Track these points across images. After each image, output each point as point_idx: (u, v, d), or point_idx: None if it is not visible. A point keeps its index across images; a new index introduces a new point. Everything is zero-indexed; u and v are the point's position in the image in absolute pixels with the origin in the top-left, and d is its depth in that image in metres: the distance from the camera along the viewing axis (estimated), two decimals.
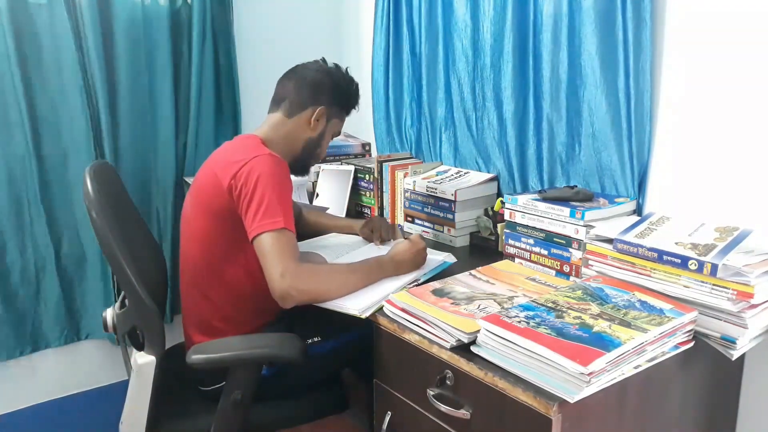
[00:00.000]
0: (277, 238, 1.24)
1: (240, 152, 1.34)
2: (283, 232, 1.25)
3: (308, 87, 1.49)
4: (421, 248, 1.40)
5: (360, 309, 1.21)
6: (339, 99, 1.52)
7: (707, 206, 1.34)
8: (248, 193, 1.27)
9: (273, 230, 1.24)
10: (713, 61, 1.30)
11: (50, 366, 2.04)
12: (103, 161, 1.54)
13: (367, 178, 2.10)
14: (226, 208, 1.31)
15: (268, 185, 1.27)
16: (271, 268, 1.22)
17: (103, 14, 1.90)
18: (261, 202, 1.25)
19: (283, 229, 1.25)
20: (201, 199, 1.38)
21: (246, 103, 2.22)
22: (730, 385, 1.31)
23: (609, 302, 1.08)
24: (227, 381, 1.27)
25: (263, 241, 1.24)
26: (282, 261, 1.22)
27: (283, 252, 1.23)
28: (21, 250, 1.89)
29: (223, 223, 1.33)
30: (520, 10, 1.65)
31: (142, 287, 1.24)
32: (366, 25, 2.31)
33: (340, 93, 1.52)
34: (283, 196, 1.29)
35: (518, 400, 0.94)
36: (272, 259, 1.22)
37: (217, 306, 1.39)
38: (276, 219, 1.25)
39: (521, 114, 1.72)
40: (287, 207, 1.29)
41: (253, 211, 1.26)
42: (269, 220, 1.24)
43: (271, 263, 1.22)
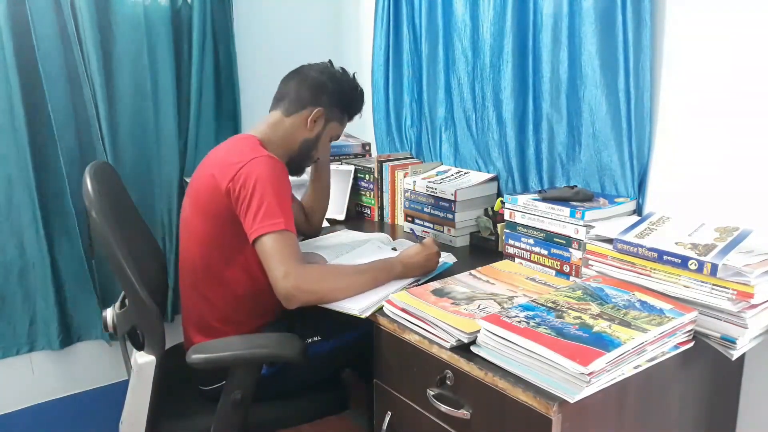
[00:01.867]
0: (279, 239, 1.23)
1: (237, 154, 1.34)
2: (284, 233, 1.24)
3: (309, 87, 1.48)
4: (433, 253, 1.38)
5: (360, 309, 1.21)
6: (339, 102, 1.51)
7: (707, 206, 1.34)
8: (247, 196, 1.26)
9: (274, 231, 1.24)
10: (713, 61, 1.30)
11: (48, 366, 2.04)
12: (103, 161, 1.54)
13: (367, 178, 2.10)
14: (225, 210, 1.31)
15: (267, 187, 1.26)
16: (275, 269, 1.22)
17: (104, 14, 1.90)
18: (260, 204, 1.25)
19: (284, 230, 1.24)
20: (199, 201, 1.38)
21: (246, 103, 2.22)
22: (730, 385, 1.31)
23: (609, 302, 1.08)
24: (227, 381, 1.27)
25: (265, 243, 1.24)
26: (285, 262, 1.21)
27: (286, 253, 1.23)
28: (20, 250, 1.89)
29: (222, 226, 1.33)
30: (520, 10, 1.65)
31: (142, 287, 1.24)
32: (366, 25, 2.31)
33: (342, 96, 1.52)
34: (282, 198, 1.28)
35: (518, 400, 0.94)
36: (275, 260, 1.22)
37: (216, 306, 1.39)
38: (276, 220, 1.24)
39: (521, 114, 1.72)
40: (287, 208, 1.28)
41: (252, 213, 1.26)
42: (269, 221, 1.24)
43: (275, 264, 1.22)
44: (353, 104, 1.55)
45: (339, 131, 1.58)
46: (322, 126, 1.50)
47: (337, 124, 1.55)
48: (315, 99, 1.48)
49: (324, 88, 1.48)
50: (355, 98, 1.55)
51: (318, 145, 1.53)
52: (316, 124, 1.48)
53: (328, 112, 1.49)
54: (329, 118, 1.51)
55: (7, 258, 1.88)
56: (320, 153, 1.56)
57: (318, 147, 1.53)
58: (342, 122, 1.57)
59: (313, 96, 1.48)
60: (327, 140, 1.55)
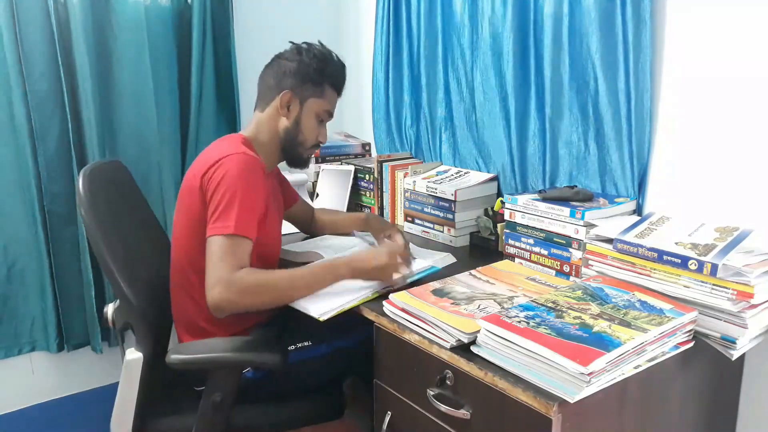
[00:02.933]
0: (223, 243, 1.20)
1: (217, 152, 1.32)
2: (231, 238, 1.21)
3: (273, 75, 1.43)
4: (380, 265, 1.27)
5: (319, 312, 1.19)
6: (307, 76, 1.41)
7: (707, 206, 1.34)
8: (211, 192, 1.25)
9: (221, 234, 1.21)
10: (713, 61, 1.30)
11: (48, 366, 2.05)
12: (113, 160, 1.54)
13: (367, 178, 2.10)
14: (201, 206, 1.28)
15: (231, 187, 1.23)
16: (208, 275, 1.19)
17: (105, 15, 1.90)
18: (219, 204, 1.23)
19: (232, 234, 1.21)
20: (183, 200, 1.37)
21: (246, 103, 2.22)
22: (730, 385, 1.31)
23: (609, 302, 1.08)
24: (207, 382, 1.26)
25: (211, 245, 1.21)
26: (218, 269, 1.18)
27: (224, 259, 1.19)
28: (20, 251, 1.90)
29: (201, 224, 1.28)
30: (520, 10, 1.65)
31: (129, 286, 1.25)
32: (366, 25, 2.31)
33: (306, 69, 1.41)
34: (245, 199, 1.24)
35: (518, 400, 0.93)
36: (211, 266, 1.19)
37: (202, 307, 1.37)
38: (227, 223, 1.21)
39: (521, 114, 1.72)
40: (245, 211, 1.23)
41: (211, 211, 1.24)
42: (221, 223, 1.22)
43: (209, 270, 1.19)
44: (324, 73, 1.43)
45: (325, 106, 1.46)
46: (298, 108, 1.43)
47: (316, 100, 1.44)
48: (279, 84, 1.42)
49: (285, 70, 1.41)
50: (323, 66, 1.43)
51: (301, 129, 1.44)
52: (290, 108, 1.42)
53: (298, 92, 1.41)
54: (303, 98, 1.42)
55: (7, 259, 1.88)
56: (308, 135, 1.45)
57: (302, 130, 1.44)
58: (322, 96, 1.44)
59: (277, 82, 1.42)
60: (312, 120, 1.44)
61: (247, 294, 1.20)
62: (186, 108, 2.10)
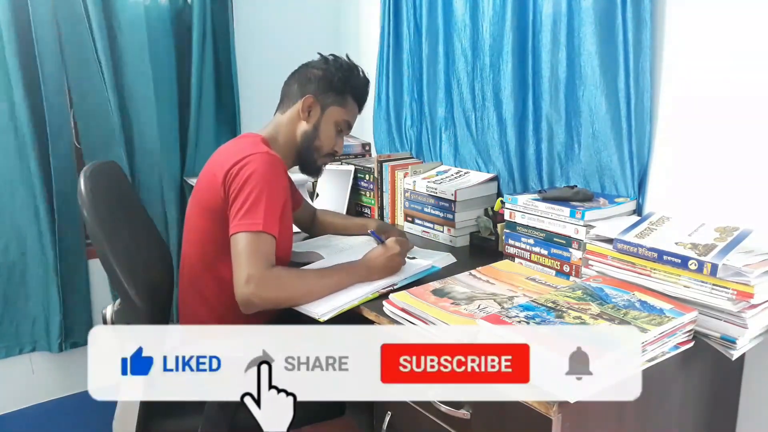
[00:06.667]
0: (252, 240, 1.21)
1: (239, 150, 1.33)
2: (259, 235, 1.22)
3: (298, 80, 1.47)
4: (394, 253, 1.34)
5: (320, 313, 1.20)
6: (330, 85, 1.45)
7: (707, 206, 1.34)
8: (236, 190, 1.25)
9: (249, 231, 1.22)
10: (713, 61, 1.30)
11: (48, 366, 2.05)
12: (110, 161, 1.54)
13: (367, 178, 2.10)
14: (221, 202, 1.29)
15: (257, 184, 1.25)
16: (239, 271, 1.20)
17: (106, 15, 1.90)
18: (245, 201, 1.24)
19: (260, 231, 1.22)
20: (200, 197, 1.37)
21: (246, 103, 2.22)
22: (730, 385, 1.31)
23: (609, 302, 1.08)
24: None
25: (238, 241, 1.22)
26: (250, 265, 1.19)
27: (254, 256, 1.20)
28: (23, 251, 1.90)
29: (219, 221, 1.31)
30: (519, 11, 1.65)
31: (132, 285, 1.25)
32: (366, 25, 2.31)
33: (331, 78, 1.45)
34: (270, 198, 1.26)
35: (518, 400, 0.93)
36: (241, 262, 1.20)
37: (211, 304, 1.38)
38: (255, 220, 1.22)
39: (521, 114, 1.72)
40: (272, 209, 1.26)
41: (236, 209, 1.24)
42: (249, 220, 1.23)
43: (240, 266, 1.20)
44: (348, 84, 1.47)
45: (345, 116, 1.49)
46: (318, 114, 1.45)
47: (337, 108, 1.47)
48: (303, 89, 1.45)
49: (310, 77, 1.46)
50: (348, 77, 1.47)
51: (319, 134, 1.47)
52: (311, 113, 1.45)
53: (320, 98, 1.45)
54: (325, 104, 1.45)
55: (8, 258, 1.88)
56: (325, 142, 1.47)
57: (319, 136, 1.46)
58: (344, 105, 1.48)
59: (301, 87, 1.46)
60: (331, 128, 1.47)
61: (279, 290, 1.22)
62: (186, 108, 2.10)
